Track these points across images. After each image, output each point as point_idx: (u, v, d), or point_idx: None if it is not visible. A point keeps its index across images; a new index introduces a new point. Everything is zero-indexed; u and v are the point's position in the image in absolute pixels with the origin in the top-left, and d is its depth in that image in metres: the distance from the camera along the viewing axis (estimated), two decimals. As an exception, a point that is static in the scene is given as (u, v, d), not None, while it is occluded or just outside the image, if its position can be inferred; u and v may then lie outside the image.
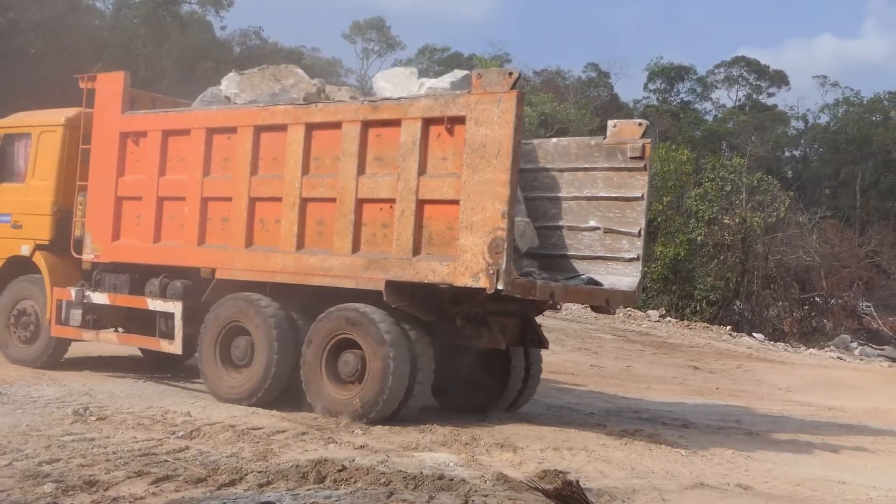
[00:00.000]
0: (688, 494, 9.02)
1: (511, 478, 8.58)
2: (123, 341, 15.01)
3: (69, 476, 7.92)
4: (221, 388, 13.65)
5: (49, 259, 15.41)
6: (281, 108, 13.46)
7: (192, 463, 8.83)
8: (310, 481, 8.19)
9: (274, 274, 13.31)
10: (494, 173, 11.45)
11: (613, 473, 9.75)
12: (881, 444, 14.21)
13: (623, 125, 13.72)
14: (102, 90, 15.09)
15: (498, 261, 11.31)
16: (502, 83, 11.55)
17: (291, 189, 13.14)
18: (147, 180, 14.49)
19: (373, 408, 12.17)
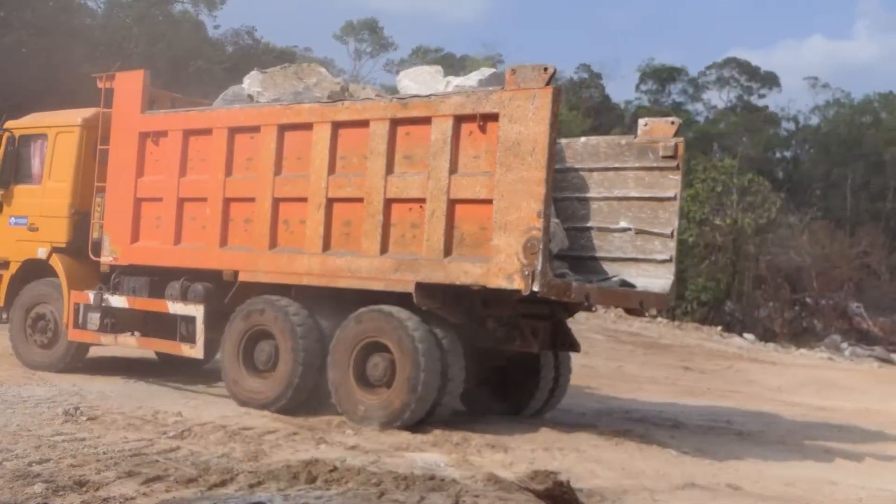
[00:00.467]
0: (678, 494, 8.96)
1: (502, 478, 8.44)
2: (143, 345, 14.54)
3: (59, 476, 7.82)
4: (244, 394, 13.18)
5: (66, 262, 14.94)
6: (306, 107, 13.00)
7: (182, 463, 8.71)
8: (301, 482, 8.06)
9: (299, 276, 12.86)
10: (530, 171, 11.02)
11: (604, 474, 9.64)
12: (872, 444, 14.01)
13: (655, 123, 13.31)
14: (121, 89, 14.64)
15: (533, 261, 10.87)
16: (537, 79, 11.14)
17: (317, 189, 12.67)
18: (167, 181, 14.03)
19: (402, 413, 11.74)
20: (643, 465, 10.57)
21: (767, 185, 47.60)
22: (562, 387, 13.94)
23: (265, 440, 10.43)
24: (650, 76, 76.19)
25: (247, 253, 13.30)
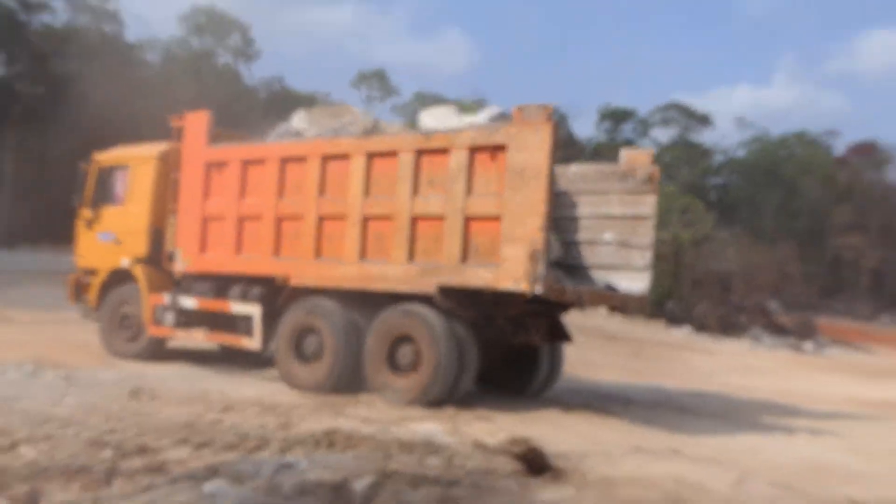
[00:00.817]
0: (628, 457, 8.79)
1: (486, 444, 8.43)
2: (209, 339, 14.06)
3: (125, 444, 7.73)
4: (294, 379, 12.76)
5: (145, 270, 14.52)
6: (345, 140, 12.58)
7: (226, 432, 8.59)
8: (322, 447, 8.08)
9: (339, 281, 12.43)
10: (533, 193, 10.76)
11: (570, 440, 9.44)
12: (788, 417, 13.80)
13: (634, 154, 12.88)
14: (190, 127, 14.21)
15: (536, 268, 10.64)
16: (540, 115, 10.89)
17: (354, 208, 12.30)
18: (229, 202, 13.60)
19: (426, 394, 11.46)
20: (601, 433, 10.52)
21: (702, 206, 47.35)
22: (557, 371, 13.56)
23: (293, 413, 10.24)
24: (607, 117, 76.07)
25: (296, 262, 12.88)
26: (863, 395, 18.58)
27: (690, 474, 7.90)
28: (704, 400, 15.65)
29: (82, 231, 15.55)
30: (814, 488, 7.87)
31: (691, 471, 8.13)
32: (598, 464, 8.11)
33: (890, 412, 15.85)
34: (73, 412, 9.23)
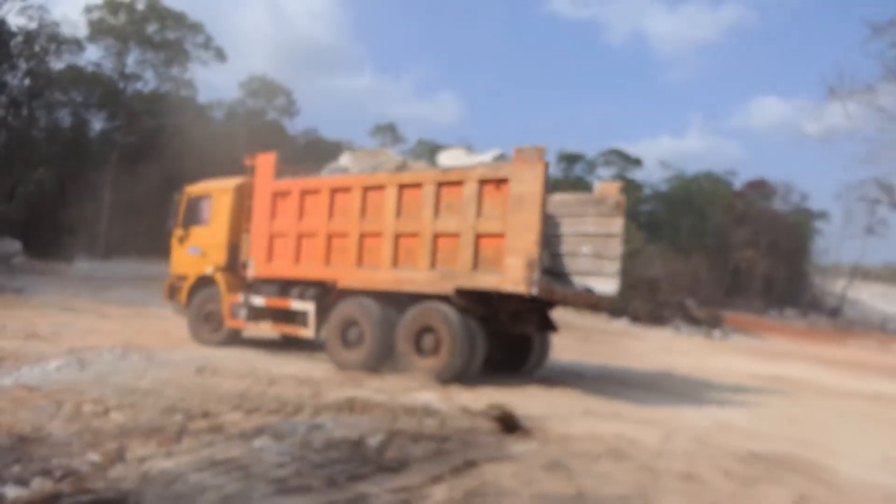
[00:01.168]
0: (581, 418, 8.76)
1: (471, 408, 8.41)
2: (275, 329, 13.69)
3: (192, 409, 7.68)
4: (340, 361, 12.40)
5: (224, 276, 14.16)
6: (382, 175, 12.29)
7: (270, 400, 8.46)
8: (345, 411, 8.05)
9: (377, 284, 12.13)
10: (529, 216, 10.56)
11: (535, 406, 9.34)
12: (702, 388, 13.67)
13: (605, 185, 12.64)
14: (261, 164, 13.91)
15: (532, 274, 10.44)
16: (534, 155, 10.69)
17: (388, 228, 12.01)
18: (290, 223, 13.26)
19: (445, 372, 11.13)
20: (560, 400, 10.39)
21: (635, 227, 47.25)
22: (545, 355, 13.24)
23: (322, 385, 10.05)
24: (563, 159, 75.60)
25: (342, 269, 12.55)
26: (758, 371, 18.48)
27: (629, 432, 7.87)
28: (639, 374, 15.52)
29: (175, 246, 15.20)
30: (723, 443, 7.81)
31: (629, 429, 8.11)
32: (557, 424, 8.06)
33: (780, 384, 15.72)
34: (153, 385, 9.10)
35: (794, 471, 6.75)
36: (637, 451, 6.95)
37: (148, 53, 50.20)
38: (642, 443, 7.34)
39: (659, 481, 5.89)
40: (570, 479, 5.68)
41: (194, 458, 5.79)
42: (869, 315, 72.50)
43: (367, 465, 5.77)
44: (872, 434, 10.08)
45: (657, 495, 5.47)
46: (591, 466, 6.22)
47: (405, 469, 5.74)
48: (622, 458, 6.59)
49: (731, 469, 6.50)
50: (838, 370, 21.60)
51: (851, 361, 26.60)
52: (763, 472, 6.55)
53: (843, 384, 17.22)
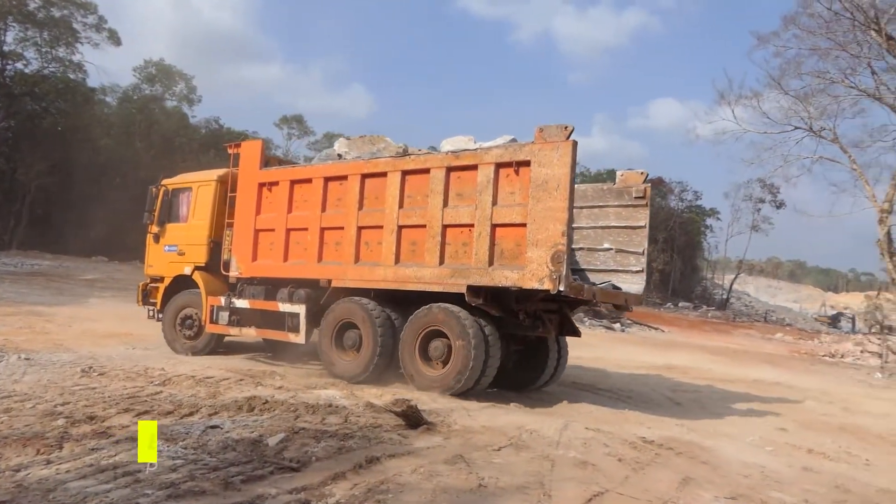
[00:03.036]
0: (484, 411, 7.29)
1: (375, 404, 6.86)
2: (260, 334, 10.03)
3: (76, 413, 5.99)
4: (335, 369, 8.95)
5: (204, 277, 10.41)
6: (382, 160, 8.79)
7: (163, 402, 6.70)
8: (244, 411, 6.43)
9: (377, 282, 8.64)
10: (555, 202, 7.35)
11: (440, 400, 7.64)
12: (599, 378, 11.69)
13: (628, 174, 9.33)
14: (245, 153, 10.16)
15: (559, 268, 7.22)
16: (560, 135, 7.42)
17: (390, 219, 8.56)
18: (278, 216, 9.60)
19: (456, 384, 7.87)
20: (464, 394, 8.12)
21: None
22: (563, 364, 9.60)
23: (221, 384, 7.88)
24: None
25: (337, 266, 8.99)
26: (653, 361, 16.09)
27: (529, 423, 6.77)
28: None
29: (150, 244, 11.27)
30: (616, 430, 6.85)
31: (530, 420, 6.96)
32: (460, 417, 6.80)
33: (671, 373, 13.78)
34: (32, 388, 7.03)
35: (680, 454, 6.12)
36: (537, 441, 6.07)
37: (30, 31, 39.93)
38: (542, 433, 6.35)
39: (556, 469, 5.18)
40: (471, 472, 4.89)
41: (77, 465, 4.54)
42: (753, 307, 71.00)
43: (266, 466, 4.70)
44: (751, 417, 9.04)
45: (554, 483, 4.82)
46: (493, 458, 5.38)
47: (306, 468, 4.74)
48: (522, 449, 5.74)
49: (623, 455, 5.84)
50: (724, 358, 20.04)
51: (737, 350, 24.71)
52: (652, 457, 5.90)
53: (728, 371, 15.84)
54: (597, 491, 4.60)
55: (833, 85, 21.86)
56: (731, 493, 4.94)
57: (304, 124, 59.77)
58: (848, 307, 67.47)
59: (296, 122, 59.27)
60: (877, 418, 10.08)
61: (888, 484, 5.83)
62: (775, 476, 5.64)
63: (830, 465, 6.40)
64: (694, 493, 4.84)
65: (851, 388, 15.18)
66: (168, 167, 37.61)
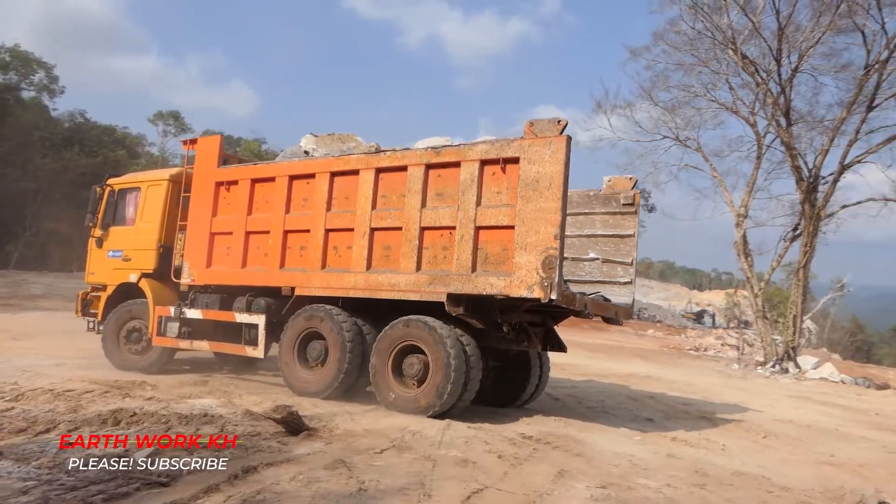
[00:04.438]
0: (367, 415, 6.81)
1: (254, 412, 6.28)
2: (213, 348, 8.68)
3: None
4: (298, 384, 7.72)
5: (152, 284, 9.04)
6: (354, 157, 7.67)
7: (15, 418, 5.72)
8: (109, 425, 5.60)
9: (346, 290, 7.46)
10: (547, 202, 6.38)
11: (323, 405, 7.12)
12: None
13: (616, 179, 8.46)
14: (202, 149, 8.91)
15: (551, 275, 6.22)
16: (553, 129, 6.48)
17: (362, 221, 7.43)
18: (236, 218, 8.37)
19: (434, 405, 6.75)
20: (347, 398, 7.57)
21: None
22: (544, 381, 8.54)
23: (83, 398, 6.84)
24: None
25: (302, 273, 7.81)
26: None
27: (413, 425, 6.38)
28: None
29: (92, 249, 9.82)
30: (497, 428, 6.56)
31: (413, 422, 6.52)
32: (343, 422, 6.38)
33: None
34: None
35: (556, 448, 6.04)
36: (419, 442, 5.78)
37: None
38: (425, 434, 6.07)
39: (437, 469, 4.92)
40: (351, 476, 4.55)
41: None
42: (627, 305, 71.03)
43: (132, 482, 4.10)
44: (623, 409, 8.94)
45: (434, 482, 4.56)
46: (374, 461, 5.03)
47: (176, 482, 4.18)
48: (405, 451, 5.44)
49: (503, 451, 5.66)
50: (601, 354, 20.12)
51: (612, 346, 24.87)
52: (531, 452, 5.78)
53: (604, 366, 15.77)
54: (476, 488, 4.49)
55: (697, 98, 22.89)
56: (602, 482, 4.94)
57: (181, 121, 53.69)
58: (711, 304, 69.17)
59: (172, 118, 53.23)
60: (731, 407, 10.32)
61: (741, 466, 5.97)
62: (642, 464, 5.67)
63: (691, 451, 6.48)
64: (568, 484, 4.81)
65: (712, 379, 15.47)
66: (24, 164, 34.60)
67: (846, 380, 18.00)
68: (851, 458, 6.81)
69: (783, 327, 22.71)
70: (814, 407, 11.52)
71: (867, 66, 19.85)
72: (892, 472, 6.35)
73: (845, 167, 20.52)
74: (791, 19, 20.35)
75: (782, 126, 20.77)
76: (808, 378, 18.17)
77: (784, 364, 19.69)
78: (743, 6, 20.61)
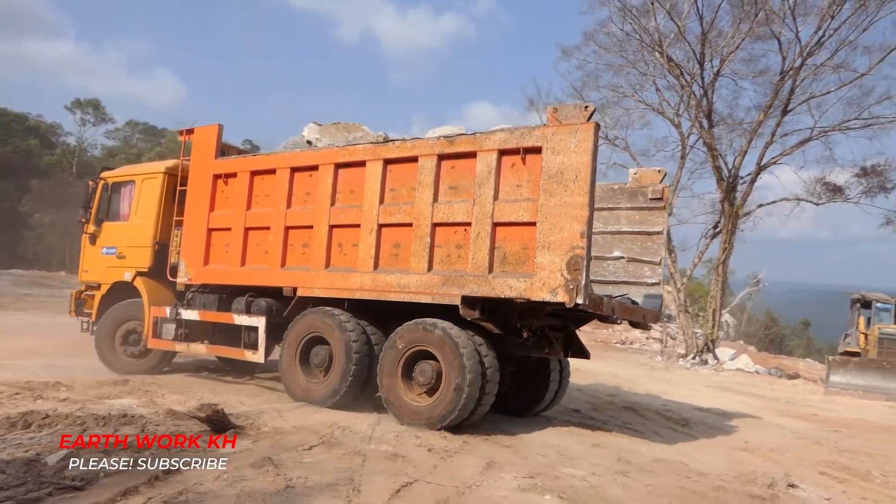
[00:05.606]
0: (295, 411, 6.39)
1: (178, 411, 5.71)
2: (211, 351, 7.92)
3: None
4: (299, 391, 6.94)
5: (148, 283, 8.28)
6: (360, 147, 6.83)
7: None
8: (18, 428, 4.95)
9: (352, 291, 6.66)
10: (573, 197, 5.54)
11: (249, 403, 6.75)
12: None
13: (643, 172, 7.62)
14: (199, 140, 8.08)
15: (577, 277, 5.42)
16: (579, 116, 5.65)
17: (369, 216, 6.61)
18: (235, 214, 7.57)
19: (447, 417, 5.96)
20: (273, 396, 7.36)
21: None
22: (564, 388, 7.70)
23: None
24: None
25: (304, 272, 7.01)
26: None
27: (343, 421, 6.05)
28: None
29: (86, 245, 9.05)
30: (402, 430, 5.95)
31: (343, 418, 6.22)
32: (271, 419, 5.98)
33: None
34: None
35: (486, 440, 5.84)
36: (349, 438, 5.49)
37: None
38: (355, 429, 5.79)
39: (367, 464, 4.74)
40: (279, 474, 4.31)
41: None
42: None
43: (43, 487, 3.76)
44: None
45: (364, 477, 4.41)
46: (303, 458, 4.74)
47: (92, 486, 3.87)
48: (334, 447, 5.13)
49: (433, 445, 5.43)
50: None
51: None
52: (460, 445, 5.57)
53: None
54: (406, 481, 4.38)
55: (625, 98, 22.97)
56: (529, 472, 4.92)
57: (101, 110, 50.97)
58: (638, 298, 68.72)
59: (91, 106, 50.38)
60: (654, 397, 10.41)
61: (661, 454, 6.01)
62: (569, 454, 5.64)
63: (616, 440, 6.48)
64: (496, 475, 4.77)
65: (637, 371, 15.64)
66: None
67: (760, 370, 18.43)
68: (763, 444, 7.03)
69: (703, 321, 22.97)
70: (730, 396, 11.77)
71: (782, 73, 20.50)
72: (800, 457, 6.59)
73: (762, 168, 21.12)
74: (714, 25, 20.97)
75: (705, 127, 21.18)
76: (726, 369, 18.56)
77: (704, 356, 20.07)
78: (669, 10, 20.94)
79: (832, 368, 14.51)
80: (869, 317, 18.50)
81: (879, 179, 21.52)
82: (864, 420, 10.36)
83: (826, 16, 19.61)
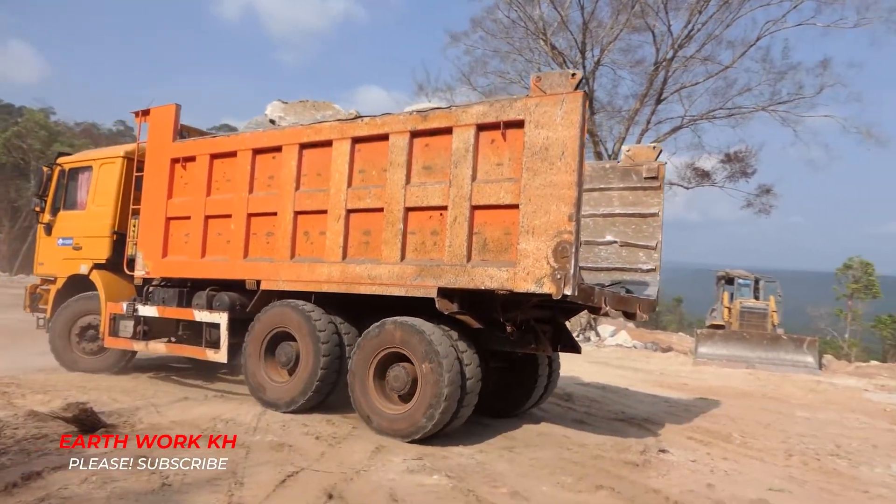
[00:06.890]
0: (175, 406, 5.92)
1: (40, 413, 5.11)
2: (171, 351, 7.10)
3: None
4: (265, 393, 6.15)
5: (105, 277, 7.46)
6: (326, 125, 6.00)
7: None
8: None
9: (319, 284, 5.85)
10: (559, 175, 4.72)
11: (123, 400, 6.10)
12: None
13: (637, 149, 6.79)
14: (156, 121, 7.23)
15: (565, 265, 4.62)
16: (565, 84, 4.82)
17: (337, 201, 5.80)
18: (194, 201, 6.75)
19: (424, 428, 5.17)
20: (152, 390, 6.75)
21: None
22: (553, 383, 6.90)
23: None
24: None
25: (269, 263, 6.20)
26: None
27: (226, 412, 5.68)
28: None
29: (41, 237, 8.22)
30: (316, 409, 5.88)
31: (227, 409, 5.82)
32: (147, 415, 5.47)
33: None
34: None
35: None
36: (232, 430, 5.10)
37: None
38: (239, 421, 5.42)
39: (251, 455, 4.48)
40: (153, 472, 3.98)
41: None
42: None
43: None
44: None
45: (248, 469, 4.16)
46: (180, 454, 4.32)
47: None
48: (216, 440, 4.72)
49: (321, 432, 5.23)
50: None
51: None
52: (349, 431, 5.34)
53: None
54: (291, 471, 4.18)
55: (512, 85, 22.78)
56: (418, 454, 4.81)
57: None
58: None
59: None
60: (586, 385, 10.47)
61: (545, 429, 6.06)
62: (457, 434, 5.45)
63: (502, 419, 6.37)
64: (385, 459, 4.66)
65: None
66: None
67: (637, 345, 18.89)
68: (638, 414, 7.25)
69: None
70: (610, 371, 12.04)
71: (656, 63, 21.06)
72: (671, 424, 6.79)
73: (640, 154, 21.82)
74: (594, 15, 21.49)
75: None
76: (607, 345, 19.01)
77: (586, 333, 20.28)
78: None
79: (700, 341, 15.05)
80: (732, 292, 19.26)
81: (741, 165, 22.58)
82: (728, 386, 10.81)
83: (695, 11, 20.46)
